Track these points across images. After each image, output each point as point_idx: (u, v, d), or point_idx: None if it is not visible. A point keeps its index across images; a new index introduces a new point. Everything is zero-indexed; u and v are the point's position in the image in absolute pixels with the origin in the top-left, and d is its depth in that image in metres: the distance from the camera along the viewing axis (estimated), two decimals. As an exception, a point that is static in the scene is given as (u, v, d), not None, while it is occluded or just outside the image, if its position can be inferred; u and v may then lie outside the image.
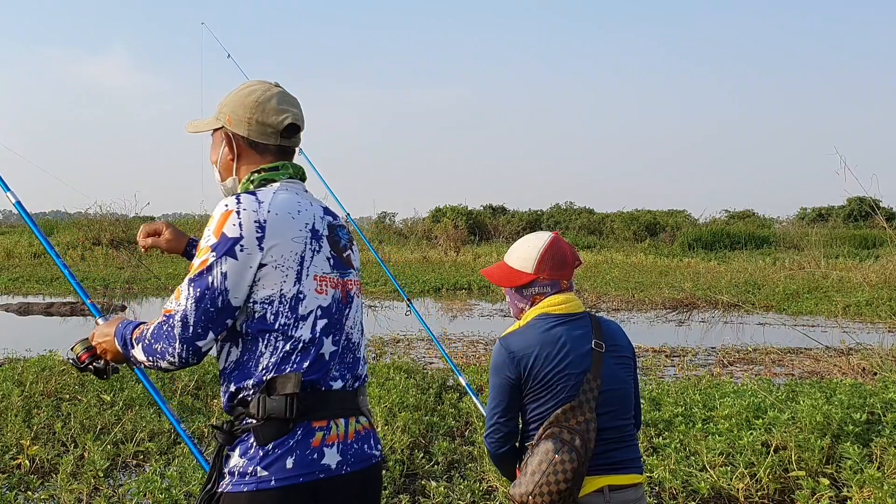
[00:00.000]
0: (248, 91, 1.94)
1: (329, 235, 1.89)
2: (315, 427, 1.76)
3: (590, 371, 2.22)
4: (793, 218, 40.40)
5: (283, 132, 1.92)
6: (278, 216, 1.77)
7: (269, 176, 1.90)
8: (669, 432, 5.09)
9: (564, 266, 2.37)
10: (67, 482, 4.27)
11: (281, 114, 1.92)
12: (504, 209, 42.96)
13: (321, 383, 1.78)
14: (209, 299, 1.70)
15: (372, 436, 1.92)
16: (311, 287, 1.79)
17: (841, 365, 8.12)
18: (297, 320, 1.76)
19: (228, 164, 1.96)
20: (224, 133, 1.96)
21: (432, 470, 4.73)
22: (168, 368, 1.77)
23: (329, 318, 1.82)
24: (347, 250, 1.94)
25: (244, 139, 1.93)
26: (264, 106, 1.91)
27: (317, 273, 1.81)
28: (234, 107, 1.94)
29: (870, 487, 3.96)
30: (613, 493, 2.21)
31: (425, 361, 8.66)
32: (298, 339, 1.75)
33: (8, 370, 6.74)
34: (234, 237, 1.72)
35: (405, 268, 21.15)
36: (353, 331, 1.91)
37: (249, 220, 1.74)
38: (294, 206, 1.83)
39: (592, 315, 2.37)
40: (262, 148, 1.93)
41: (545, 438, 2.17)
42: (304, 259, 1.79)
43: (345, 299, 1.88)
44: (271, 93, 1.94)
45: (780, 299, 14.78)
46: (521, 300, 2.39)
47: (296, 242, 1.78)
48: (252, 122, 1.91)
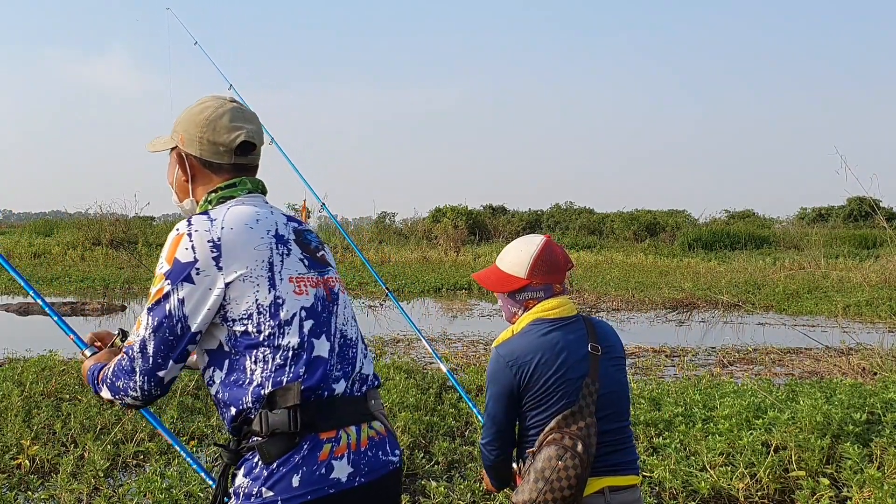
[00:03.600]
0: (200, 108, 1.87)
1: (297, 239, 1.82)
2: (323, 439, 1.69)
3: (588, 375, 2.22)
4: (793, 218, 40.49)
5: (236, 150, 1.84)
6: (234, 230, 1.71)
7: (227, 193, 1.83)
8: (669, 432, 5.09)
9: (557, 270, 2.36)
10: (67, 482, 4.27)
11: (233, 131, 1.83)
12: (504, 209, 42.98)
13: (323, 388, 1.71)
14: (167, 327, 1.66)
15: (388, 441, 1.83)
16: (288, 290, 1.72)
17: (841, 365, 8.11)
18: (282, 326, 1.69)
19: (183, 186, 1.89)
20: (177, 153, 1.89)
21: (432, 470, 4.73)
22: (134, 405, 1.73)
23: (316, 317, 1.75)
24: (320, 250, 1.88)
25: (197, 159, 1.86)
26: (215, 124, 1.84)
27: (292, 275, 1.74)
28: (186, 125, 1.86)
29: (870, 487, 3.96)
30: (613, 494, 2.21)
31: (425, 361, 8.65)
32: (287, 346, 1.69)
33: (8, 370, 6.74)
34: (187, 261, 1.67)
35: (405, 268, 21.14)
36: (347, 327, 1.84)
37: (202, 241, 1.68)
38: (251, 216, 1.76)
39: (585, 317, 2.37)
40: (217, 167, 1.86)
41: (547, 445, 2.16)
42: (273, 264, 1.72)
43: (329, 296, 1.81)
44: (224, 109, 1.86)
45: (780, 299, 14.77)
46: (513, 305, 2.38)
47: (259, 250, 1.71)
48: (203, 142, 1.84)
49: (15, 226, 40.99)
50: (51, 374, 6.56)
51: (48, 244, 24.92)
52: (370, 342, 10.06)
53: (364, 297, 15.92)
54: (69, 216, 36.04)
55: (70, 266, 20.43)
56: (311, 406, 1.68)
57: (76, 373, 6.71)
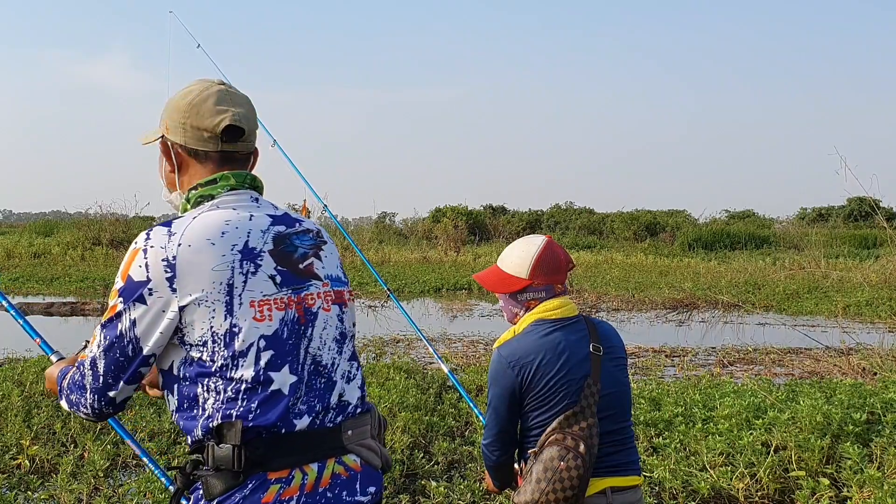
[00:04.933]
0: (185, 93, 1.73)
1: (276, 248, 1.63)
2: (271, 479, 1.52)
3: (590, 376, 2.22)
4: (793, 218, 40.43)
5: (222, 136, 1.69)
6: (192, 247, 1.54)
7: (206, 192, 1.68)
8: (669, 432, 5.09)
9: (558, 270, 2.36)
10: (67, 482, 4.27)
11: (218, 115, 1.68)
12: (504, 209, 42.98)
13: (280, 425, 1.54)
14: (118, 348, 1.55)
15: (360, 478, 1.62)
16: (247, 316, 1.55)
17: (841, 365, 8.12)
18: (236, 358, 1.53)
19: (171, 177, 1.76)
20: (163, 142, 1.76)
21: (432, 470, 4.73)
22: (88, 419, 1.64)
23: (278, 346, 1.57)
24: (309, 259, 1.68)
25: (182, 147, 1.72)
26: (199, 108, 1.69)
27: (254, 298, 1.56)
28: (170, 112, 1.73)
29: (870, 487, 3.96)
30: (615, 495, 2.21)
31: (425, 361, 8.65)
32: (240, 379, 1.53)
33: (8, 370, 6.75)
34: (140, 281, 1.54)
35: (405, 268, 21.14)
36: (324, 351, 1.64)
37: (156, 259, 1.53)
38: (218, 227, 1.58)
39: (587, 317, 2.36)
40: (203, 156, 1.71)
41: (549, 445, 2.16)
42: (232, 287, 1.55)
43: (303, 318, 1.62)
44: (209, 92, 1.71)
45: (780, 299, 14.77)
46: (515, 305, 2.38)
47: (218, 271, 1.54)
48: (187, 127, 1.69)
49: (15, 226, 41.03)
50: (51, 374, 6.56)
51: (48, 244, 24.93)
52: (370, 342, 10.05)
53: (364, 297, 15.92)
54: (69, 216, 36.09)
55: (70, 266, 20.42)
56: (260, 442, 1.53)
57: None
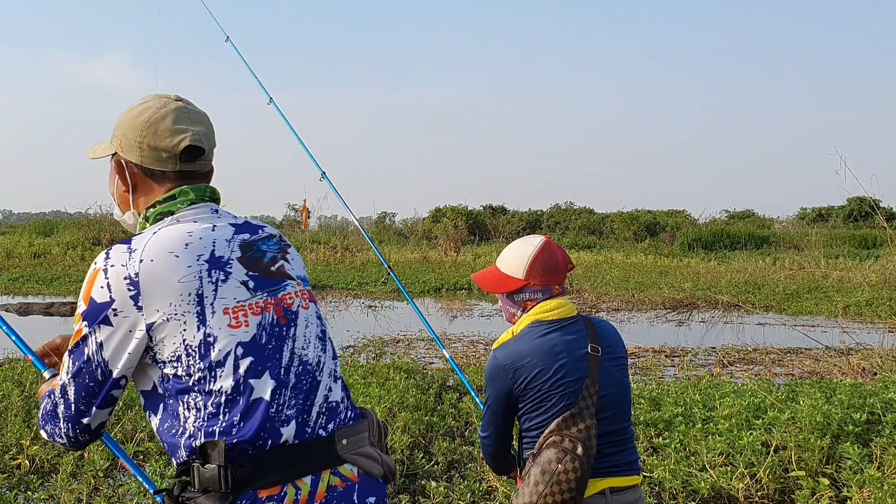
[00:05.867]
0: (140, 109, 1.67)
1: (243, 255, 1.60)
2: (261, 498, 1.47)
3: (588, 377, 2.21)
4: (793, 218, 40.44)
5: (181, 156, 1.64)
6: (154, 262, 1.50)
7: (166, 209, 1.63)
8: (669, 432, 5.09)
9: (556, 271, 2.35)
10: (67, 482, 4.27)
11: (177, 135, 1.63)
12: (504, 209, 42.98)
13: (265, 438, 1.50)
14: (87, 373, 1.52)
15: (357, 489, 1.57)
16: (221, 324, 1.51)
17: (841, 365, 8.12)
18: (213, 369, 1.49)
19: (125, 197, 1.70)
20: (117, 161, 1.69)
21: (432, 470, 4.73)
22: (67, 448, 1.61)
23: (257, 352, 1.53)
24: (278, 262, 1.66)
25: (138, 167, 1.66)
26: (156, 127, 1.63)
27: (227, 305, 1.53)
28: (125, 129, 1.66)
29: (870, 487, 3.96)
30: (614, 495, 2.21)
31: (425, 361, 8.66)
32: (220, 391, 1.49)
33: (8, 370, 6.75)
34: (103, 302, 1.50)
35: (405, 268, 21.14)
36: (308, 350, 1.60)
37: (118, 278, 1.49)
38: (180, 239, 1.55)
39: (585, 317, 2.36)
40: (160, 176, 1.66)
41: (546, 447, 2.16)
42: (202, 296, 1.51)
43: (283, 319, 1.59)
44: (167, 110, 1.65)
45: (780, 299, 14.77)
46: (512, 305, 2.38)
47: (185, 283, 1.50)
48: (144, 147, 1.64)
49: (15, 226, 41.01)
50: (51, 374, 6.55)
51: (48, 244, 24.92)
52: (370, 342, 10.05)
53: (364, 297, 15.93)
54: (69, 216, 36.06)
55: (70, 266, 20.40)
56: (247, 460, 1.48)
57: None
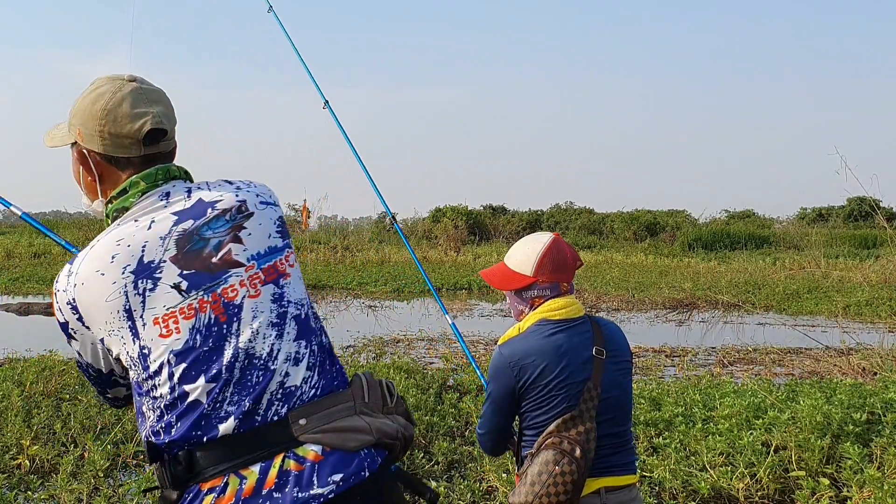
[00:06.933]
0: (95, 96, 1.60)
1: (179, 252, 1.53)
2: (203, 490, 1.46)
3: (590, 379, 2.20)
4: (793, 218, 40.42)
5: (144, 140, 1.59)
6: (84, 285, 1.51)
7: (120, 204, 1.59)
8: (669, 432, 5.09)
9: (565, 269, 2.34)
10: (67, 482, 4.27)
11: (137, 119, 1.57)
12: (504, 209, 42.96)
13: (199, 435, 1.48)
14: (85, 368, 1.67)
15: (318, 468, 1.47)
16: (153, 335, 1.50)
17: (841, 365, 8.11)
18: (152, 378, 1.50)
19: (91, 186, 1.65)
20: (78, 150, 1.64)
21: (432, 470, 4.73)
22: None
23: (188, 356, 1.49)
24: (224, 247, 1.55)
25: (101, 155, 1.61)
26: (115, 113, 1.57)
27: (157, 315, 1.50)
28: (82, 118, 1.60)
29: (870, 487, 3.96)
30: (609, 495, 2.21)
31: (425, 361, 8.66)
32: (161, 396, 1.51)
33: (8, 370, 6.75)
34: (63, 322, 1.57)
35: (405, 268, 21.14)
36: (257, 341, 1.52)
37: (64, 303, 1.54)
38: (108, 253, 1.52)
39: (592, 318, 2.34)
40: (125, 162, 1.61)
41: (545, 448, 2.16)
42: (131, 311, 1.50)
43: (223, 315, 1.52)
44: (123, 94, 1.59)
45: (780, 299, 14.77)
46: (520, 302, 2.37)
47: (112, 301, 1.50)
48: (105, 135, 1.58)
49: (15, 226, 40.96)
50: (51, 374, 6.56)
51: (48, 244, 24.91)
52: (370, 342, 10.04)
53: (364, 297, 15.93)
54: (69, 216, 36.06)
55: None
56: (182, 456, 1.48)
57: (76, 373, 6.70)
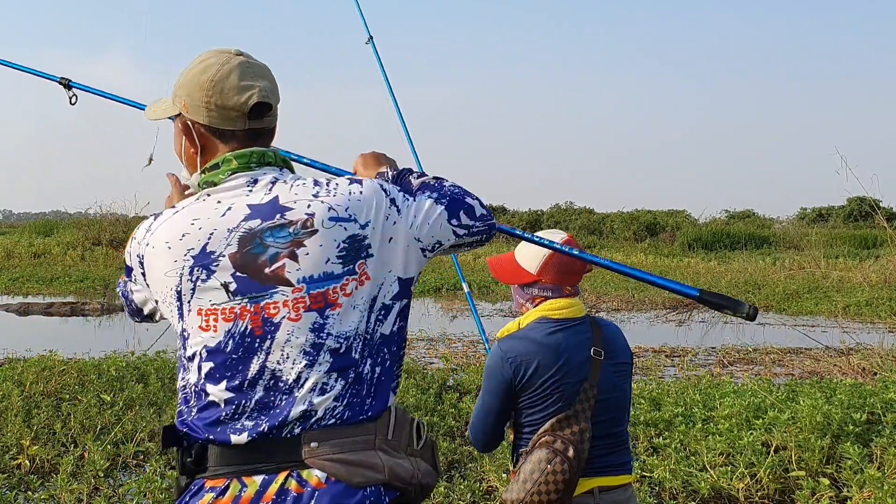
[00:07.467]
0: (202, 68, 1.59)
1: (239, 251, 1.50)
2: (207, 487, 1.45)
3: (588, 380, 2.20)
4: (793, 218, 40.39)
5: (249, 113, 1.58)
6: (154, 249, 1.54)
7: (209, 178, 1.59)
8: (669, 432, 5.09)
9: (571, 273, 2.32)
10: (67, 482, 4.27)
11: (244, 92, 1.56)
12: (504, 209, 42.96)
13: (213, 437, 1.47)
14: (128, 300, 1.75)
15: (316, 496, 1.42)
16: (194, 324, 1.50)
17: (841, 365, 8.12)
18: (188, 361, 1.52)
19: (193, 159, 1.63)
20: (182, 122, 1.63)
21: (432, 470, 4.73)
22: None
23: (219, 359, 1.48)
24: (279, 261, 1.49)
25: (205, 127, 1.60)
26: (222, 85, 1.56)
27: (202, 307, 1.49)
28: (188, 89, 1.60)
29: (870, 487, 3.96)
30: (603, 494, 2.21)
31: (425, 361, 8.66)
32: (190, 383, 1.51)
33: (8, 370, 6.74)
34: (128, 266, 1.64)
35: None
36: (285, 365, 1.47)
37: (134, 253, 1.60)
38: (180, 229, 1.53)
39: (593, 319, 2.33)
40: (229, 135, 1.60)
41: (538, 447, 2.16)
42: (181, 294, 1.51)
43: (259, 329, 1.47)
44: (230, 66, 1.58)
45: (780, 299, 14.77)
46: (522, 296, 2.36)
47: (169, 277, 1.52)
48: (211, 107, 1.57)
49: (15, 226, 40.97)
50: (51, 374, 6.56)
51: (48, 244, 24.92)
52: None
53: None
54: (69, 216, 36.02)
55: (70, 266, 20.41)
56: (194, 449, 1.48)
57: (76, 373, 6.71)
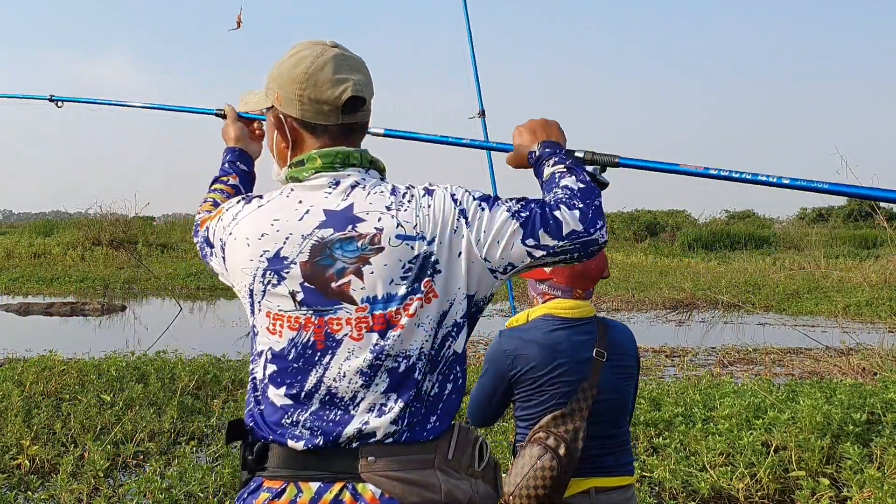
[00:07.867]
0: (296, 60, 1.53)
1: (310, 260, 1.45)
2: (265, 486, 1.44)
3: (587, 380, 2.20)
4: (793, 218, 40.36)
5: (343, 108, 1.51)
6: (236, 241, 1.52)
7: (294, 174, 1.54)
8: (669, 432, 5.09)
9: (584, 279, 2.30)
10: (67, 482, 4.27)
11: (339, 85, 1.50)
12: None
13: (274, 437, 1.45)
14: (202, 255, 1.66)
15: None
16: (263, 324, 1.48)
17: (841, 365, 8.12)
18: (258, 356, 1.50)
19: (283, 153, 1.58)
20: (275, 115, 1.58)
21: (432, 470, 4.73)
22: None
23: (281, 365, 1.45)
24: (346, 276, 1.44)
25: (298, 121, 1.54)
26: (316, 77, 1.50)
27: (270, 310, 1.47)
28: (281, 81, 1.54)
29: (870, 487, 3.96)
30: (599, 495, 2.21)
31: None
32: (256, 375, 1.50)
33: (8, 370, 6.74)
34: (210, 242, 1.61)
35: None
36: (342, 383, 1.43)
37: (222, 228, 1.57)
38: (261, 227, 1.49)
39: (601, 320, 2.32)
40: (322, 130, 1.54)
41: (532, 443, 2.18)
42: (253, 293, 1.49)
43: (321, 343, 1.43)
44: (325, 59, 1.51)
45: (780, 299, 14.77)
46: (535, 290, 2.37)
47: (245, 274, 1.50)
48: (304, 100, 1.51)
49: (15, 226, 40.96)
50: (51, 374, 6.55)
51: (48, 244, 24.88)
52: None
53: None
54: (69, 216, 35.99)
55: (70, 266, 20.40)
56: (257, 449, 1.46)
57: (76, 373, 6.71)
